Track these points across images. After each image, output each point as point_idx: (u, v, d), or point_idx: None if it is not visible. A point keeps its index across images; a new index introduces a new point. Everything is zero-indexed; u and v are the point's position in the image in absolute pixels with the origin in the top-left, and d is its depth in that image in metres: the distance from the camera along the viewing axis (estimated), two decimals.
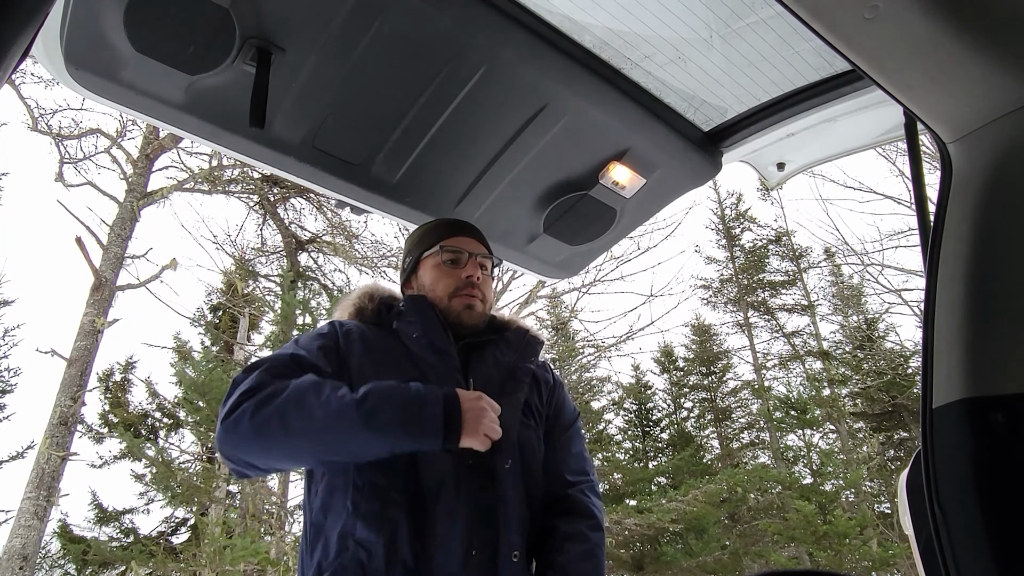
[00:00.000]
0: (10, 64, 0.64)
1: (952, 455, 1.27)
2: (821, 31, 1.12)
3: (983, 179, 1.30)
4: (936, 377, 1.35)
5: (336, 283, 14.92)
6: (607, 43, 1.78)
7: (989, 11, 1.09)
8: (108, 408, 14.53)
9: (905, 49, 1.15)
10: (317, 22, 1.60)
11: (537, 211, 2.26)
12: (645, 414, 20.93)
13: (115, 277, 11.98)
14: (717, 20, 1.67)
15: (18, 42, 0.64)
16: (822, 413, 17.99)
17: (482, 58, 1.73)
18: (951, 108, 1.27)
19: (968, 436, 1.25)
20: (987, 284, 1.29)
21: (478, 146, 2.00)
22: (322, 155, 1.91)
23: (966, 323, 1.30)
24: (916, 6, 1.07)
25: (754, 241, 23.60)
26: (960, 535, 1.19)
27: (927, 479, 1.28)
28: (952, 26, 1.10)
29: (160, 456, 11.53)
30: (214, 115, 1.73)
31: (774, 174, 2.15)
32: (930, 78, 1.21)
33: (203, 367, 11.53)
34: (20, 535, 9.79)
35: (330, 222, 14.81)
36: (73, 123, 13.21)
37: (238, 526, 11.15)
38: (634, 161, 2.10)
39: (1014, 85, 1.20)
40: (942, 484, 1.27)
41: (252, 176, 14.00)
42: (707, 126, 2.07)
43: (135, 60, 1.55)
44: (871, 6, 1.07)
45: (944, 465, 1.28)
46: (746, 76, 1.85)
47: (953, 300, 1.33)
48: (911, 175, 1.47)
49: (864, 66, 1.19)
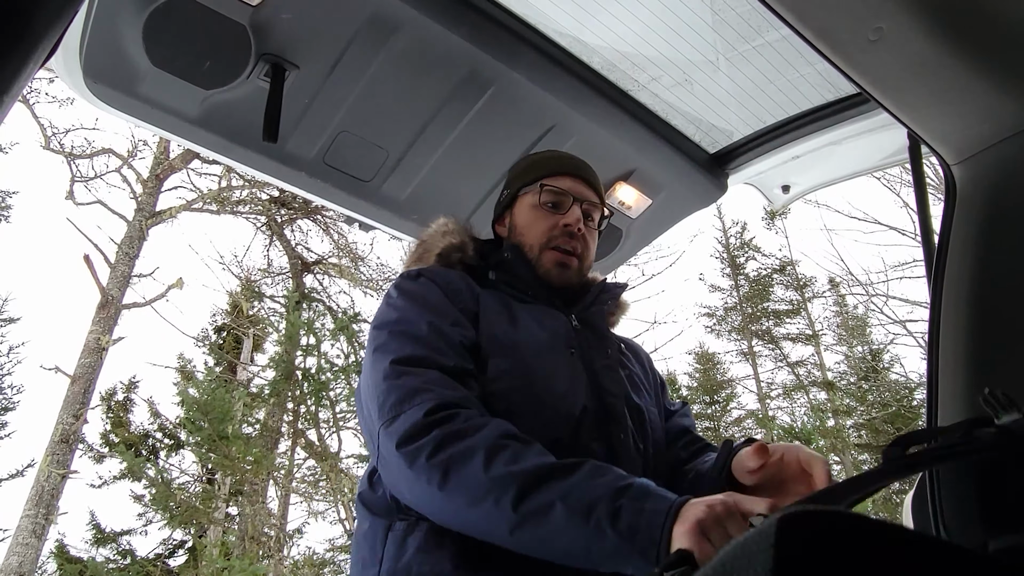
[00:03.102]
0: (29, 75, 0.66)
1: (955, 477, 1.26)
2: (826, 53, 1.14)
3: (987, 200, 1.31)
4: (941, 398, 1.35)
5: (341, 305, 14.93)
6: (615, 65, 1.81)
7: (992, 35, 1.11)
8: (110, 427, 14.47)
9: (909, 71, 1.16)
10: (331, 40, 1.63)
11: None
12: None
13: (121, 295, 12.03)
14: (723, 43, 1.69)
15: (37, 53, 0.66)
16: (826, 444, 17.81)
17: (492, 78, 1.75)
18: (955, 130, 1.28)
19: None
20: (991, 304, 1.29)
21: (487, 165, 2.03)
22: (332, 171, 1.93)
23: (971, 344, 1.31)
24: (920, 29, 1.09)
25: (758, 270, 23.59)
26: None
27: (932, 501, 1.28)
28: (956, 49, 1.12)
29: (160, 476, 11.46)
30: (227, 129, 1.76)
31: (779, 196, 2.16)
32: (934, 100, 1.22)
33: (206, 387, 11.51)
34: (18, 553, 9.72)
35: (336, 244, 14.87)
36: (85, 142, 13.42)
37: (236, 548, 11.03)
38: (640, 182, 2.12)
39: (1017, 108, 1.22)
40: (946, 505, 1.26)
41: (260, 197, 14.10)
42: (713, 148, 2.09)
43: (152, 74, 1.58)
44: (875, 28, 1.09)
45: (947, 487, 1.27)
46: (752, 99, 1.87)
47: (958, 321, 1.33)
48: (915, 197, 1.48)
49: (868, 88, 1.21)
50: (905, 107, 1.24)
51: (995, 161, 1.29)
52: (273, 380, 12.71)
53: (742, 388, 22.37)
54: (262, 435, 12.40)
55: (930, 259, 1.39)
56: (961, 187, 1.35)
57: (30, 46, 0.64)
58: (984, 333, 1.30)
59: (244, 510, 11.74)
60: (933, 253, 1.38)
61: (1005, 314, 1.28)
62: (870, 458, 19.37)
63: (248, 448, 11.12)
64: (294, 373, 12.64)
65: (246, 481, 11.50)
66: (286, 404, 12.92)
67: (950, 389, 1.32)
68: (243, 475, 11.31)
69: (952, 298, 1.34)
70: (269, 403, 12.92)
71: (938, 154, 1.34)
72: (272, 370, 13.00)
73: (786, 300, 23.05)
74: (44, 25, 0.65)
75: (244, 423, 12.45)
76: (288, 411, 13.04)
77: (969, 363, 1.31)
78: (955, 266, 1.35)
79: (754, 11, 1.58)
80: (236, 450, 10.93)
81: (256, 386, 13.90)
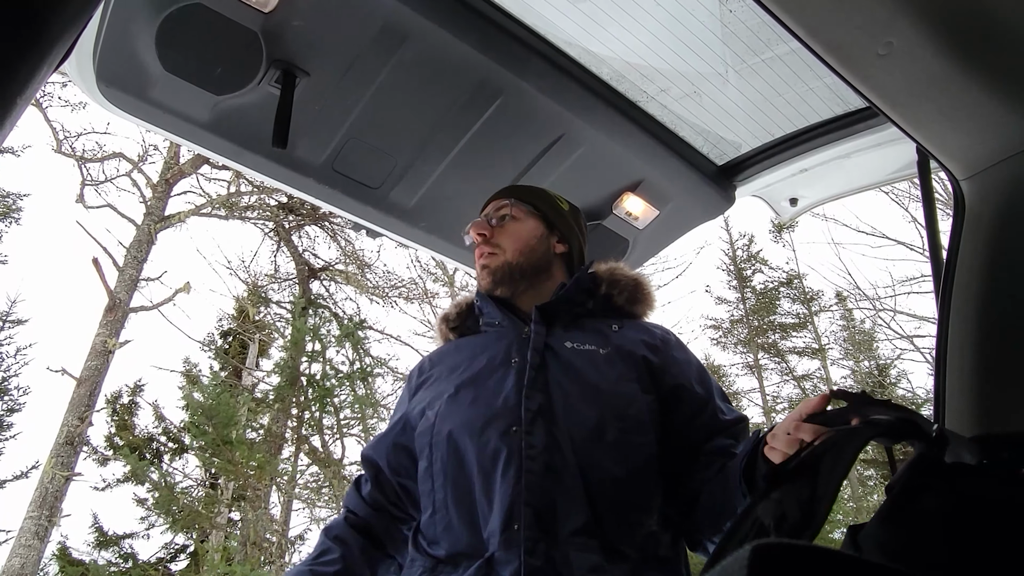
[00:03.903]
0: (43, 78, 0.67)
1: None
2: (836, 67, 1.14)
3: (996, 216, 1.30)
4: (948, 415, 1.34)
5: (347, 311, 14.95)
6: (624, 76, 1.81)
7: (1003, 51, 1.11)
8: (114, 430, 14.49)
9: (918, 86, 1.16)
10: (343, 47, 1.64)
11: None
12: None
13: (129, 299, 12.08)
14: (733, 55, 1.70)
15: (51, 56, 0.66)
16: None
17: (501, 87, 1.76)
18: (964, 145, 1.28)
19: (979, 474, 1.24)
20: (1000, 321, 1.28)
21: (494, 173, 2.03)
22: (341, 177, 1.94)
23: (978, 359, 1.30)
24: (930, 45, 1.09)
25: (765, 283, 23.51)
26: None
27: None
28: (965, 64, 1.12)
29: (163, 480, 11.48)
30: (237, 135, 1.77)
31: (787, 209, 2.16)
32: (943, 115, 1.22)
33: (211, 391, 11.53)
34: (20, 555, 9.73)
35: (343, 250, 14.92)
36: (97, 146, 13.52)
37: (238, 554, 11.02)
38: (648, 193, 2.12)
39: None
40: None
41: (268, 203, 14.17)
42: (721, 160, 2.09)
43: (164, 80, 1.60)
44: (885, 43, 1.08)
45: None
46: (760, 111, 1.87)
47: (966, 337, 1.32)
48: (924, 212, 1.48)
49: (878, 102, 1.20)
50: (914, 122, 1.23)
51: (1005, 177, 1.28)
52: (278, 386, 12.73)
53: (747, 401, 22.26)
54: (266, 440, 12.40)
55: (938, 274, 1.38)
56: (970, 203, 1.34)
57: (45, 49, 0.65)
58: (992, 350, 1.29)
59: (246, 515, 11.73)
60: (941, 268, 1.37)
61: (1014, 331, 1.27)
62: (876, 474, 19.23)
63: (252, 453, 11.12)
64: (299, 379, 12.66)
65: (249, 486, 11.48)
66: (290, 410, 12.93)
67: (957, 406, 1.31)
68: (246, 480, 11.30)
69: (960, 314, 1.33)
70: (273, 408, 12.93)
71: (947, 169, 1.33)
72: (277, 376, 13.02)
73: (793, 313, 22.95)
74: (59, 29, 0.66)
75: (248, 428, 12.46)
76: (292, 417, 13.04)
77: (977, 380, 1.30)
78: (963, 282, 1.34)
79: (764, 24, 1.58)
80: (239, 455, 10.92)
81: (261, 391, 13.93)
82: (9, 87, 0.62)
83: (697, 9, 1.58)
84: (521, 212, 1.72)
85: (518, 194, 1.76)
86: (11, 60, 0.62)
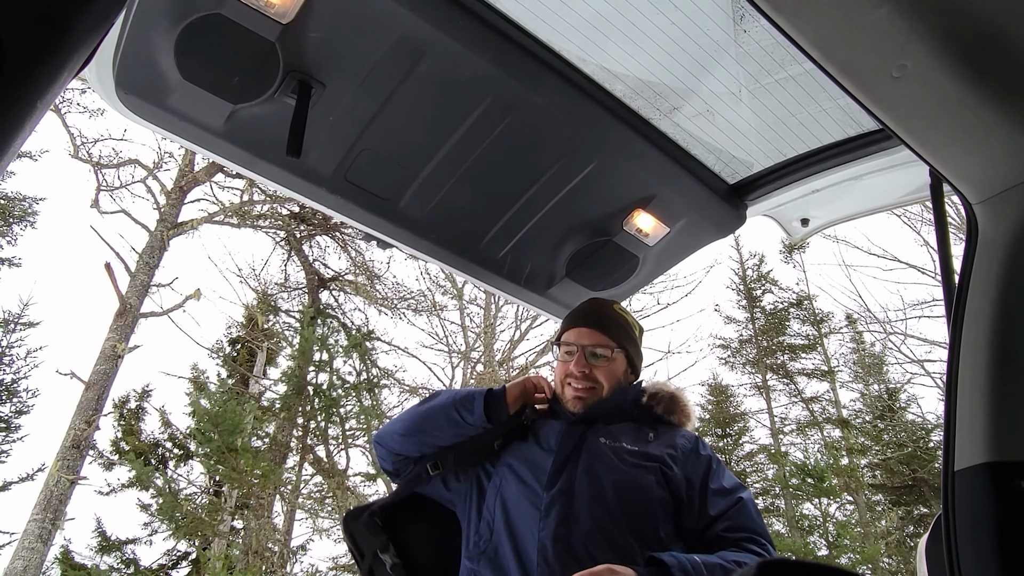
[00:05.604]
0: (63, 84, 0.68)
1: (973, 520, 1.23)
2: (849, 89, 1.14)
3: (1009, 241, 1.29)
4: (959, 440, 1.32)
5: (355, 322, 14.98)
6: (637, 93, 1.82)
7: (1017, 75, 1.10)
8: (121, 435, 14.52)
9: (932, 109, 1.16)
10: (359, 60, 1.66)
11: (560, 254, 2.28)
12: None
13: (139, 304, 12.16)
14: (746, 75, 1.70)
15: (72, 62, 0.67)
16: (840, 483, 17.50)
17: (515, 102, 1.77)
18: (978, 169, 1.27)
19: (990, 501, 1.22)
20: (1011, 347, 1.27)
21: (505, 187, 2.04)
22: (353, 188, 1.95)
23: (990, 386, 1.28)
24: (944, 68, 1.08)
25: (775, 303, 23.38)
26: None
27: (947, 545, 1.25)
28: (980, 88, 1.11)
29: (168, 486, 11.48)
30: (252, 143, 1.79)
31: (798, 229, 2.15)
32: (957, 139, 1.21)
33: (217, 398, 11.55)
34: (23, 557, 9.74)
35: (353, 261, 14.97)
36: (113, 152, 13.65)
37: (240, 562, 10.99)
38: (659, 210, 2.12)
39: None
40: (963, 551, 1.23)
41: (280, 212, 14.25)
42: (733, 179, 2.09)
43: (182, 88, 1.62)
44: (899, 65, 1.08)
45: (965, 531, 1.24)
46: (773, 131, 1.87)
47: (977, 362, 1.31)
48: (936, 236, 1.47)
49: (891, 125, 1.20)
50: (928, 145, 1.23)
51: (1019, 201, 1.27)
52: (284, 394, 12.75)
53: (755, 422, 22.09)
54: (271, 449, 12.40)
55: (950, 298, 1.37)
56: (983, 227, 1.33)
57: (66, 55, 0.66)
58: (1004, 376, 1.27)
59: (249, 524, 11.71)
60: (953, 292, 1.36)
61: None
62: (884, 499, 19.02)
63: (256, 462, 11.11)
64: (305, 388, 12.67)
65: (253, 495, 11.48)
66: (296, 419, 12.93)
67: (968, 432, 1.30)
68: (250, 488, 11.29)
69: (972, 339, 1.31)
70: (279, 417, 12.94)
71: (960, 193, 1.33)
72: (284, 384, 13.04)
73: (802, 335, 22.80)
74: (81, 36, 0.67)
75: (254, 436, 12.45)
76: (298, 426, 13.04)
77: (988, 406, 1.28)
78: (975, 306, 1.33)
79: (778, 45, 1.59)
80: (244, 463, 10.92)
81: (267, 400, 13.94)
82: (30, 92, 0.63)
83: (711, 28, 1.59)
84: (618, 355, 1.97)
85: (617, 338, 1.98)
86: (33, 66, 0.63)
